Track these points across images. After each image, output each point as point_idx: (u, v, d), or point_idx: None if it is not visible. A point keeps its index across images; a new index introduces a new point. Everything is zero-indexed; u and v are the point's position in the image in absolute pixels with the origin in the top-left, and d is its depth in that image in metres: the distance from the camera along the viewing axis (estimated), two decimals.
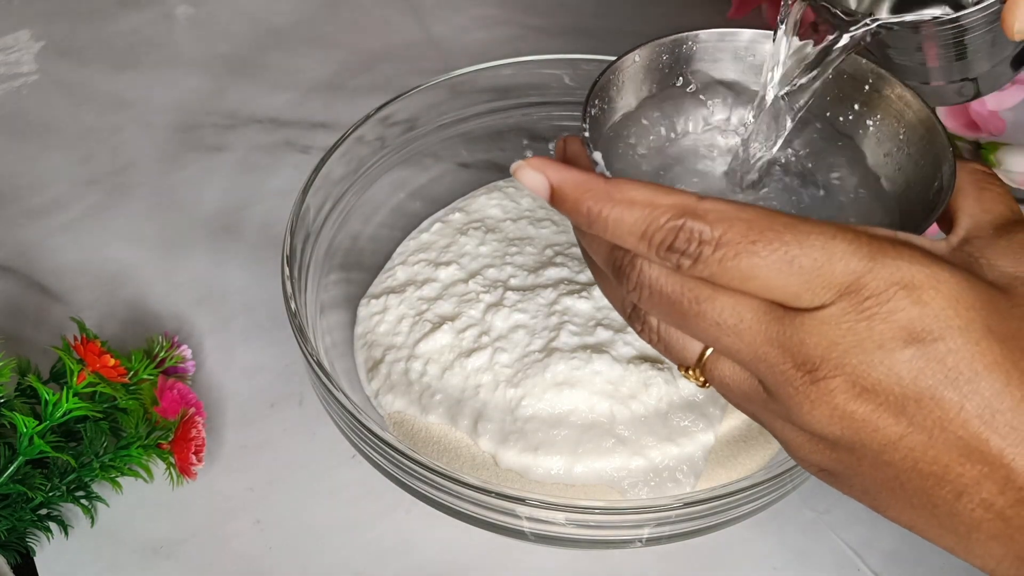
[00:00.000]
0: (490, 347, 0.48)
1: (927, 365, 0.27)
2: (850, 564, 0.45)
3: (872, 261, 0.27)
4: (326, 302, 0.50)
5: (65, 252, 0.59)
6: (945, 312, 0.27)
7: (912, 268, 0.27)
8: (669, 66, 0.37)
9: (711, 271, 0.28)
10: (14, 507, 0.44)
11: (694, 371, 0.32)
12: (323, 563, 0.46)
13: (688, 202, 0.28)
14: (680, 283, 0.29)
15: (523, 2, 0.77)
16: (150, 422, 0.46)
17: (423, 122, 0.55)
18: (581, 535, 0.42)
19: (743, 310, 0.29)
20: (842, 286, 0.27)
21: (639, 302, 0.31)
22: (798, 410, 0.29)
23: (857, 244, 0.27)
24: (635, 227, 0.29)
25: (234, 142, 0.66)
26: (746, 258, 0.28)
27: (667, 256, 0.29)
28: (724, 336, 0.29)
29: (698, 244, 0.28)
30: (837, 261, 0.27)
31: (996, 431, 0.27)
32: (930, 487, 0.28)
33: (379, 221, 0.55)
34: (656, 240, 0.28)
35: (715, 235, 0.28)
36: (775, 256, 0.27)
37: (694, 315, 0.29)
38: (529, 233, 0.54)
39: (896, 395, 0.27)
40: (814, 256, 0.27)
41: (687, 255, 0.28)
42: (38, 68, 0.72)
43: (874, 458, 0.28)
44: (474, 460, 0.46)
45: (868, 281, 0.27)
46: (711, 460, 0.45)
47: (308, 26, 0.76)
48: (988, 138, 0.63)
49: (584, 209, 0.29)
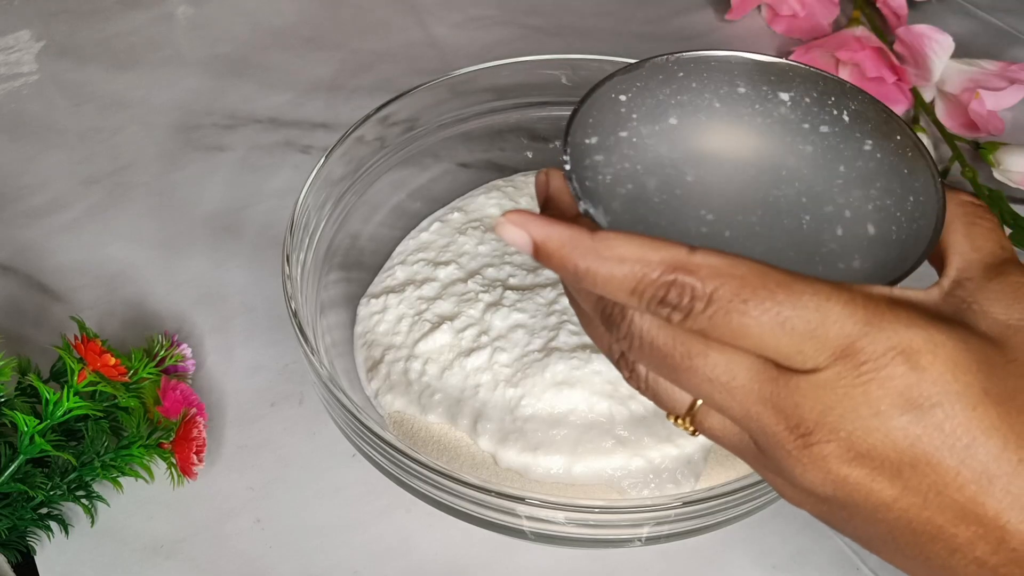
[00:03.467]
0: (489, 347, 0.48)
1: (924, 432, 0.27)
2: (849, 564, 0.45)
3: (868, 325, 0.27)
4: (326, 302, 0.50)
5: (65, 252, 0.60)
6: (944, 377, 0.27)
7: (909, 332, 0.27)
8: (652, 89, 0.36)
9: (702, 326, 0.28)
10: (15, 506, 0.44)
11: (683, 420, 0.31)
12: (323, 563, 0.46)
13: (679, 256, 0.28)
14: (672, 336, 0.29)
15: (523, 2, 0.77)
16: (151, 422, 0.46)
17: (423, 122, 0.55)
18: (581, 534, 0.42)
19: (735, 368, 0.28)
20: (837, 349, 0.27)
21: (628, 352, 0.31)
22: (791, 471, 0.28)
23: (853, 307, 0.27)
24: (625, 283, 0.28)
25: (234, 142, 0.66)
26: (737, 316, 0.27)
27: (658, 310, 0.28)
28: (716, 392, 0.29)
29: (690, 299, 0.27)
30: (832, 324, 0.27)
31: (992, 495, 0.27)
32: (923, 543, 0.28)
33: (379, 221, 0.55)
34: (647, 295, 0.28)
35: (707, 291, 0.27)
36: (767, 316, 0.27)
37: (685, 369, 0.29)
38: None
39: (892, 460, 0.27)
40: (807, 318, 0.27)
41: (679, 309, 0.28)
42: (38, 68, 0.72)
43: (867, 516, 0.28)
44: (474, 459, 0.46)
45: (864, 345, 0.27)
46: (711, 460, 0.45)
47: (308, 26, 0.76)
48: (987, 138, 0.63)
49: (571, 266, 0.29)
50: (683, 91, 0.36)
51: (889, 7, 0.69)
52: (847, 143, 0.35)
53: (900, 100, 0.65)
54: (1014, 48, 0.71)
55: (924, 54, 0.64)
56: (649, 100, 0.36)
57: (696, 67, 0.36)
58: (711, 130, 0.36)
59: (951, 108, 0.64)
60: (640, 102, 0.36)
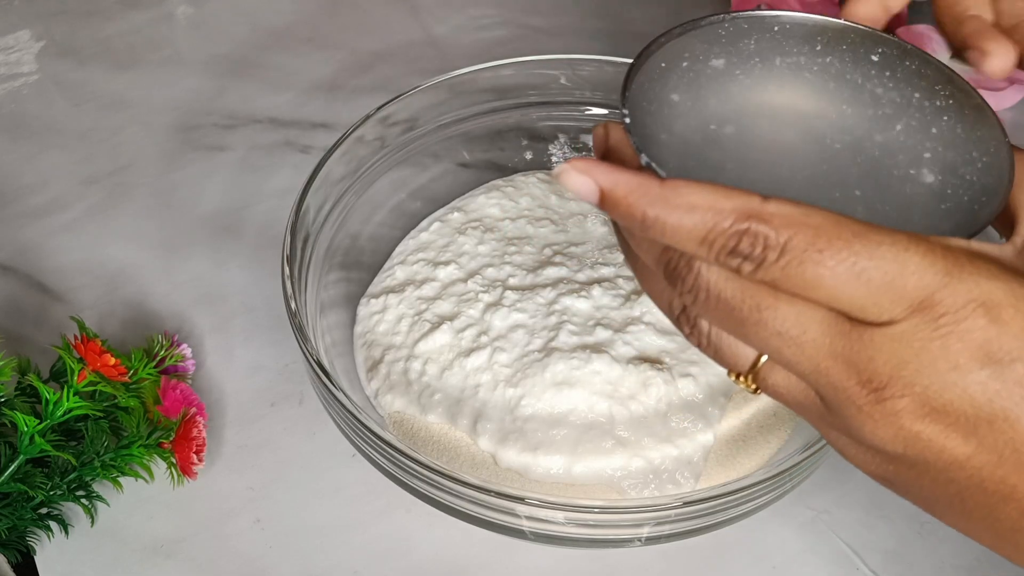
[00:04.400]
0: (489, 347, 0.48)
1: (1003, 387, 0.26)
2: (849, 563, 0.45)
3: (948, 276, 0.26)
4: (326, 302, 0.50)
5: (65, 252, 0.60)
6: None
7: (991, 284, 0.26)
8: (710, 47, 0.36)
9: (774, 277, 0.27)
10: (15, 506, 0.44)
11: (746, 378, 0.30)
12: (323, 563, 0.46)
13: (752, 204, 0.27)
14: (741, 288, 0.28)
15: (523, 2, 0.77)
16: (151, 422, 0.46)
17: (423, 122, 0.55)
18: (581, 534, 0.42)
19: (807, 321, 0.27)
20: (915, 301, 0.26)
21: (692, 305, 0.30)
22: (859, 428, 0.28)
23: (932, 257, 0.26)
24: (695, 232, 0.27)
25: (234, 142, 0.66)
26: (812, 267, 0.26)
27: (728, 260, 0.27)
28: (785, 347, 0.28)
29: (763, 249, 0.27)
30: (910, 275, 0.26)
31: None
32: (994, 504, 0.28)
33: (379, 221, 0.55)
34: (718, 245, 0.27)
35: (780, 240, 0.26)
36: (843, 267, 0.26)
37: (754, 323, 0.28)
38: (528, 232, 0.54)
39: (968, 416, 0.26)
40: (885, 268, 0.26)
41: (750, 259, 0.27)
42: (38, 68, 0.72)
43: (936, 475, 0.28)
44: (474, 459, 0.46)
45: (943, 297, 0.26)
46: (711, 460, 0.45)
47: (308, 26, 0.76)
48: None
49: (639, 214, 0.28)
50: (740, 50, 0.36)
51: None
52: (911, 102, 0.35)
53: None
54: None
55: None
56: (707, 58, 0.36)
57: (752, 26, 0.36)
58: (771, 87, 0.35)
59: None
60: (697, 59, 0.36)
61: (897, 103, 0.35)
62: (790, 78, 0.36)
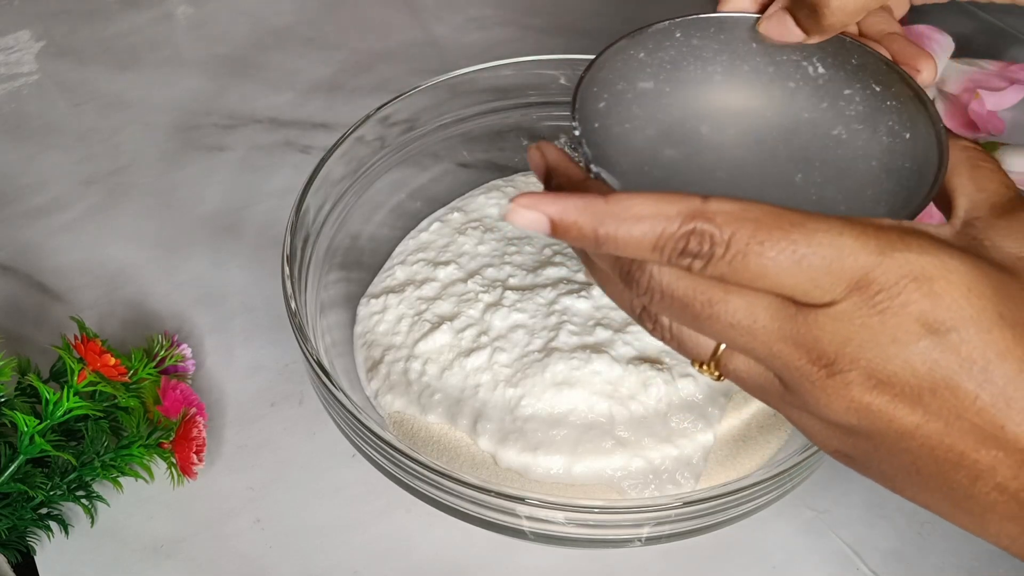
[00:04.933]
0: (489, 347, 0.48)
1: (942, 356, 0.27)
2: (849, 563, 0.45)
3: (881, 255, 0.27)
4: (326, 302, 0.50)
5: (65, 252, 0.60)
6: (957, 303, 0.27)
7: (922, 259, 0.27)
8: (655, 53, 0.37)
9: (722, 271, 0.28)
10: (15, 506, 0.44)
11: (708, 366, 0.32)
12: (323, 563, 0.46)
13: (694, 205, 0.28)
14: (692, 286, 0.29)
15: (523, 2, 0.77)
16: (151, 422, 0.46)
17: (423, 122, 0.55)
18: (581, 534, 0.42)
19: (756, 310, 0.29)
20: (852, 281, 0.27)
21: (650, 305, 0.31)
22: (815, 403, 0.29)
23: (864, 238, 0.27)
24: (646, 240, 0.29)
25: (234, 142, 0.66)
26: (755, 258, 0.28)
27: (679, 260, 0.29)
28: (739, 336, 0.30)
29: (709, 246, 0.28)
30: (846, 257, 0.27)
31: (1011, 418, 0.27)
32: (946, 471, 0.28)
33: (379, 221, 0.55)
34: (669, 248, 0.28)
35: (724, 236, 0.28)
36: (784, 255, 0.27)
37: (707, 317, 0.30)
38: (528, 232, 0.54)
39: (912, 386, 0.28)
40: (822, 253, 0.27)
41: (700, 256, 0.28)
42: (38, 68, 0.72)
43: (891, 445, 0.29)
44: (474, 459, 0.46)
45: (878, 275, 0.27)
46: (710, 460, 0.45)
47: (308, 26, 0.76)
48: (987, 138, 0.63)
49: (590, 235, 0.29)
50: (685, 53, 0.38)
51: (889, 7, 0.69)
52: (849, 92, 0.36)
53: None
54: (1014, 48, 0.71)
55: None
56: (652, 64, 0.37)
57: (695, 28, 0.38)
58: (716, 88, 0.37)
59: (951, 108, 0.64)
60: (644, 66, 0.37)
61: (835, 94, 0.37)
62: (733, 76, 0.37)
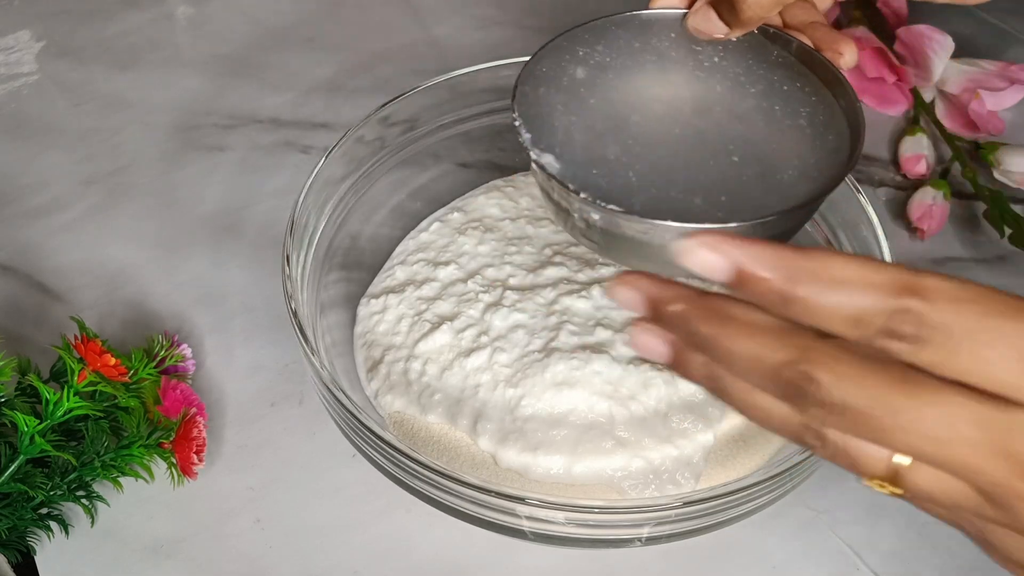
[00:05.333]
0: (489, 347, 0.48)
1: None
2: (849, 563, 0.45)
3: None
4: (326, 302, 0.50)
5: (65, 252, 0.60)
6: None
7: None
8: (593, 48, 0.42)
9: (932, 360, 0.24)
10: (15, 506, 0.44)
11: (885, 483, 0.27)
12: (323, 563, 0.46)
13: (905, 278, 0.24)
14: (871, 395, 0.25)
15: (522, 3, 0.77)
16: (151, 422, 0.46)
17: (423, 122, 0.55)
18: (581, 534, 0.42)
19: (956, 420, 0.25)
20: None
21: (825, 425, 0.27)
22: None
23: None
24: (843, 311, 0.25)
25: (234, 142, 0.66)
26: (979, 347, 0.24)
27: (883, 341, 0.25)
28: (930, 447, 0.25)
29: (920, 329, 0.24)
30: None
31: None
32: None
33: (379, 221, 0.55)
34: (873, 326, 0.24)
35: (943, 320, 0.24)
36: (1012, 349, 0.24)
37: (893, 429, 0.25)
38: (528, 232, 0.54)
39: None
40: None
41: (906, 340, 0.24)
42: (38, 68, 0.72)
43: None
44: (474, 459, 0.46)
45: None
46: (711, 460, 0.45)
47: (308, 26, 0.76)
48: (987, 138, 0.63)
49: (778, 291, 0.25)
50: (619, 47, 0.42)
51: (889, 7, 0.69)
52: (776, 79, 0.41)
53: (900, 100, 0.65)
54: (1014, 48, 0.71)
55: (924, 54, 0.64)
56: (588, 57, 0.42)
57: (628, 24, 0.42)
58: (648, 78, 0.41)
59: (951, 108, 0.64)
60: (580, 60, 0.42)
61: (762, 80, 0.41)
62: (664, 67, 0.41)
